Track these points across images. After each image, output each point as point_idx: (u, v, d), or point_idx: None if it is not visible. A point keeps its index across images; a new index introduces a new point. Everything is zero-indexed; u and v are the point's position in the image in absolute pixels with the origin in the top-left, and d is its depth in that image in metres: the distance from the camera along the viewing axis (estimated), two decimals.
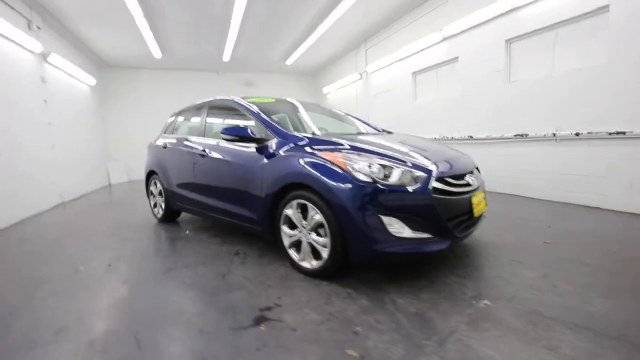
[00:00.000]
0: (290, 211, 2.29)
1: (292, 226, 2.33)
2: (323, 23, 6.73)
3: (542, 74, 4.29)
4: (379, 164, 1.98)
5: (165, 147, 3.86)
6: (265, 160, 2.47)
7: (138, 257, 2.86)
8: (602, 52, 3.64)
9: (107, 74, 9.57)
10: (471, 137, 5.31)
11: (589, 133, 3.76)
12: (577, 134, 3.87)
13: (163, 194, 3.88)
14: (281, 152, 2.40)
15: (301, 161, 2.21)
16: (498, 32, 4.74)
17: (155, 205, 4.19)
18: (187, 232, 3.59)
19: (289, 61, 9.65)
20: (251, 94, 11.10)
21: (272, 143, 2.51)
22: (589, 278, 2.07)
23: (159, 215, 4.10)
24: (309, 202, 2.14)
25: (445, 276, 2.18)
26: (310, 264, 2.22)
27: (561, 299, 1.82)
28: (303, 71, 11.36)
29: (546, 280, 2.06)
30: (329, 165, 2.06)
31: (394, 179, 1.95)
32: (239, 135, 2.58)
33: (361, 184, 1.93)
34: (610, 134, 3.55)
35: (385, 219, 1.89)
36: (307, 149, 2.27)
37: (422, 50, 6.24)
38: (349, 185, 1.95)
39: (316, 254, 2.20)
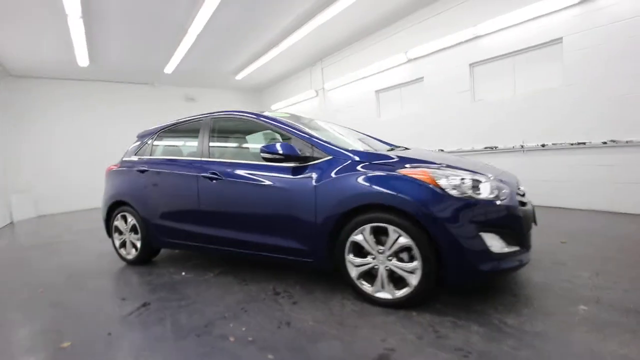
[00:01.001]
0: (360, 237, 2.03)
1: (360, 254, 2.08)
2: (286, 40, 6.60)
3: (505, 94, 4.88)
4: (471, 178, 1.91)
5: (143, 171, 3.17)
6: (318, 182, 2.17)
7: (150, 316, 2.18)
8: (558, 77, 4.31)
9: (10, 86, 7.70)
10: (442, 150, 5.72)
11: (553, 144, 4.37)
12: (543, 145, 4.47)
13: (139, 229, 3.14)
14: (337, 172, 2.14)
15: (376, 180, 1.99)
16: (462, 57, 5.27)
17: (123, 245, 3.37)
18: (184, 273, 2.95)
19: (240, 76, 9.20)
20: (192, 109, 10.20)
21: (324, 162, 2.23)
22: (635, 269, 2.31)
23: (129, 256, 3.30)
24: (390, 224, 1.93)
25: (511, 286, 2.18)
26: (392, 293, 1.99)
27: (634, 293, 1.95)
28: (250, 87, 10.97)
29: (604, 278, 2.21)
30: (416, 182, 1.90)
31: (485, 192, 1.88)
32: (285, 153, 2.23)
33: (458, 200, 1.82)
34: (572, 144, 4.18)
35: (485, 236, 1.81)
36: (373, 167, 2.07)
37: (386, 70, 6.57)
38: (446, 203, 1.81)
39: (396, 282, 1.99)
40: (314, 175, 2.20)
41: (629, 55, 3.66)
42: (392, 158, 2.13)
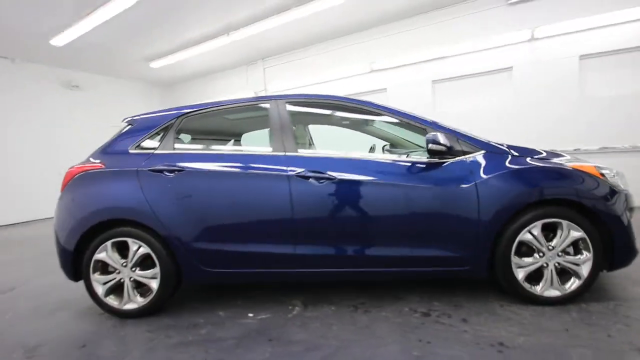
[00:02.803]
0: (528, 236, 1.93)
1: (524, 254, 1.97)
2: (230, 35, 5.88)
3: (464, 108, 5.68)
4: (616, 171, 2.08)
5: (173, 171, 2.12)
6: (479, 179, 1.96)
7: None
8: (509, 96, 5.33)
9: None
10: None
11: None
12: None
13: (157, 261, 2.08)
14: (500, 167, 1.98)
15: (554, 174, 1.95)
16: (426, 74, 5.86)
17: (114, 290, 2.16)
18: (251, 315, 2.13)
19: (157, 64, 7.53)
20: (72, 98, 7.72)
21: (479, 156, 2.03)
22: None
23: (128, 306, 2.13)
24: (564, 219, 1.91)
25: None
26: (562, 290, 1.95)
27: None
28: (163, 80, 9.15)
29: None
30: (588, 175, 1.94)
31: (623, 184, 2.10)
32: (449, 146, 1.93)
33: (620, 191, 1.96)
34: None
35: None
36: (537, 161, 2.01)
37: (349, 77, 6.64)
38: (616, 195, 1.93)
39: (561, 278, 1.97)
40: (475, 171, 1.97)
41: (562, 83, 4.87)
42: (542, 153, 2.12)
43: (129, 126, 2.38)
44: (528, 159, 2.02)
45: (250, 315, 2.11)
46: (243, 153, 2.22)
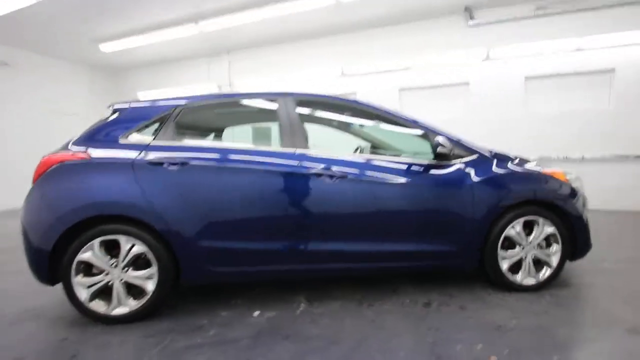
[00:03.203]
0: (512, 231, 2.20)
1: (506, 248, 2.24)
2: (197, 23, 5.63)
3: (427, 117, 6.10)
4: (576, 175, 2.45)
5: (177, 164, 1.97)
6: (473, 180, 2.17)
7: None
8: (466, 108, 5.88)
9: None
10: None
11: None
12: None
13: (154, 261, 1.92)
14: (488, 171, 2.21)
15: (531, 180, 2.26)
16: (394, 82, 6.20)
17: (99, 293, 1.93)
18: (224, 313, 2.07)
19: (107, 47, 6.80)
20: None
21: (472, 160, 2.23)
22: None
23: (117, 311, 1.92)
24: (540, 217, 2.21)
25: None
26: (537, 278, 2.25)
27: None
28: (110, 66, 8.30)
29: None
30: (558, 181, 2.27)
31: (581, 187, 2.48)
32: (451, 150, 2.11)
33: (580, 193, 2.33)
34: None
35: None
36: (513, 165, 2.30)
37: (319, 79, 6.71)
38: (576, 196, 2.28)
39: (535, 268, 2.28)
40: (471, 173, 2.18)
41: (510, 100, 5.53)
42: (515, 159, 2.40)
43: (116, 114, 2.16)
44: (509, 164, 2.29)
45: (256, 314, 2.05)
46: (252, 148, 2.15)
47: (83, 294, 1.90)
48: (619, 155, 5.09)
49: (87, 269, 1.94)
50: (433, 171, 2.18)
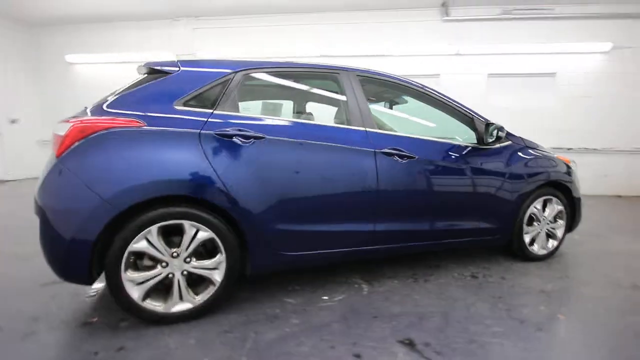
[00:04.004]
0: (535, 209, 2.54)
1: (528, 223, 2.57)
2: None
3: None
4: (573, 161, 2.88)
5: (254, 138, 1.76)
6: (510, 164, 2.43)
7: None
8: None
9: None
10: None
11: None
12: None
13: (222, 248, 1.71)
14: (519, 155, 2.50)
15: (550, 163, 2.60)
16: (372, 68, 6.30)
17: (151, 290, 1.65)
18: (291, 300, 2.00)
19: None
20: None
21: (507, 145, 2.49)
22: None
23: (176, 307, 1.67)
24: (554, 197, 2.59)
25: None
26: (547, 248, 2.65)
27: None
28: (28, 19, 6.66)
29: None
30: (564, 163, 2.68)
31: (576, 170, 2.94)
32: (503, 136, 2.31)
33: (577, 176, 2.78)
34: None
35: None
36: (535, 150, 2.62)
37: (294, 58, 6.41)
38: (576, 179, 2.73)
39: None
40: (508, 157, 2.43)
41: (473, 94, 6.11)
42: (538, 145, 2.74)
43: (161, 75, 1.79)
44: (537, 150, 2.62)
45: (325, 297, 2.00)
46: (325, 125, 2.01)
47: (135, 293, 1.60)
48: (555, 148, 6.11)
49: (135, 261, 1.64)
50: (486, 155, 2.38)
